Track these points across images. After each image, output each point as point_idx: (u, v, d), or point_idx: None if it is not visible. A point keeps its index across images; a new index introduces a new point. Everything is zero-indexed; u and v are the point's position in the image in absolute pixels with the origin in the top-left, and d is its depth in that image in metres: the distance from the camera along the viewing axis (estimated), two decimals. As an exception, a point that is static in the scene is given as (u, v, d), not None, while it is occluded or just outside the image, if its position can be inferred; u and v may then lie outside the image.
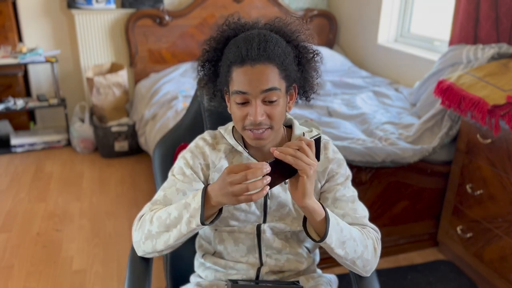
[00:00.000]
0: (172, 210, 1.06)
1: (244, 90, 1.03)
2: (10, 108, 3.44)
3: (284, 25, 1.11)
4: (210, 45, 1.12)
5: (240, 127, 1.09)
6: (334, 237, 1.03)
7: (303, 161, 0.95)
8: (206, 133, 1.23)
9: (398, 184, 2.30)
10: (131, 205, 2.87)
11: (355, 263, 1.10)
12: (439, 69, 2.65)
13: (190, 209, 1.02)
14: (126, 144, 3.50)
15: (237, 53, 1.02)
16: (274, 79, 1.03)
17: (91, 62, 3.68)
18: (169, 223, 1.06)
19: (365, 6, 3.76)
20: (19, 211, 2.79)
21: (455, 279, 2.25)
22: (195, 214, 1.01)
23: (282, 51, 1.04)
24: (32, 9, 3.55)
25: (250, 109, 1.04)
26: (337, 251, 1.05)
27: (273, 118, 1.06)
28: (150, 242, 1.10)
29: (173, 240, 1.06)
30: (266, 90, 1.03)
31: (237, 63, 1.02)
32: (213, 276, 1.23)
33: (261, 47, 1.01)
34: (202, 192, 1.01)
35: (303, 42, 1.11)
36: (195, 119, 1.48)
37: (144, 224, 1.11)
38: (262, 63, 1.01)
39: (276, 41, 1.04)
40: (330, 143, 1.21)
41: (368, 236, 1.12)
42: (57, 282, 2.20)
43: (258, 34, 1.04)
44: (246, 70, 1.02)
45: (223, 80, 1.09)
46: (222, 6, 3.81)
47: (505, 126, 1.94)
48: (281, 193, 1.16)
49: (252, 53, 1.01)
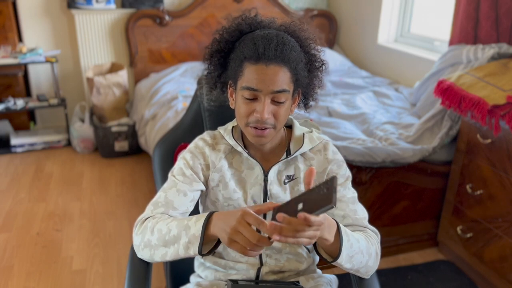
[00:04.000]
0: (173, 226, 1.05)
1: (255, 87, 1.03)
2: (10, 108, 3.44)
3: (299, 30, 1.11)
4: (222, 36, 1.12)
5: (243, 123, 1.09)
6: (344, 254, 1.03)
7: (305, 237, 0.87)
8: (206, 133, 1.23)
9: (398, 184, 2.30)
10: (131, 205, 2.87)
11: (359, 271, 1.11)
12: (439, 69, 2.65)
13: (189, 234, 1.01)
14: (126, 144, 3.50)
15: (254, 50, 1.02)
16: (285, 81, 1.04)
17: (91, 62, 3.68)
18: (167, 240, 1.05)
19: (365, 6, 3.76)
20: (19, 211, 2.79)
21: (455, 279, 2.25)
22: (193, 242, 1.00)
23: (296, 55, 1.05)
24: (32, 9, 3.55)
25: (258, 106, 1.05)
26: (345, 265, 1.06)
27: (278, 118, 1.07)
28: (148, 251, 1.10)
29: (170, 258, 1.07)
30: (277, 91, 1.03)
31: (252, 59, 1.02)
32: (213, 276, 1.23)
33: (278, 48, 1.02)
34: (205, 220, 1.00)
35: (314, 50, 1.13)
36: (195, 119, 1.48)
37: (145, 231, 1.10)
38: (277, 64, 1.02)
39: (292, 45, 1.05)
40: (329, 143, 1.21)
41: (372, 243, 1.12)
42: (57, 282, 2.20)
43: (277, 35, 1.04)
44: (260, 68, 1.02)
45: (232, 74, 1.09)
46: (222, 6, 3.81)
47: (505, 126, 1.94)
48: (280, 193, 1.16)
49: (269, 52, 1.01)
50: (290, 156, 1.16)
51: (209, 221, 1.00)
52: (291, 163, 1.17)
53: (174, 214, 1.13)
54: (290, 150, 1.18)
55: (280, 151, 1.18)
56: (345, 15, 4.07)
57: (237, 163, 1.17)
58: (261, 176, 1.15)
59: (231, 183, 1.16)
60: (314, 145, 1.18)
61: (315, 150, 1.19)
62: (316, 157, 1.18)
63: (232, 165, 1.17)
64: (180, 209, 1.14)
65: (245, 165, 1.17)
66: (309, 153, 1.19)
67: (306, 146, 1.16)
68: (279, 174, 1.16)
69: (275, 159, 1.17)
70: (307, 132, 1.21)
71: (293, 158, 1.17)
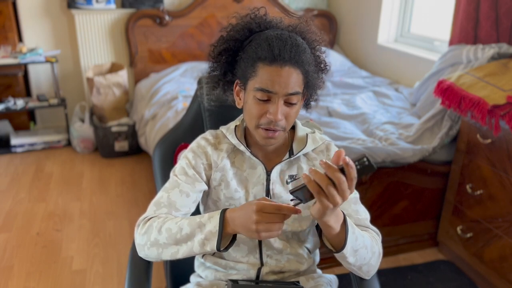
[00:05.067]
0: (184, 225, 1.05)
1: (270, 89, 1.03)
2: (10, 108, 3.44)
3: (307, 32, 1.11)
4: (229, 34, 1.11)
5: (254, 124, 1.09)
6: (349, 247, 1.03)
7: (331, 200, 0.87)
8: (208, 132, 1.22)
9: (398, 184, 2.30)
10: (131, 205, 2.87)
11: (361, 268, 1.11)
12: (439, 69, 2.65)
13: (204, 231, 1.02)
14: (126, 144, 3.50)
15: (269, 50, 1.01)
16: (298, 83, 1.04)
17: (91, 62, 3.68)
18: (179, 238, 1.05)
19: (365, 6, 3.76)
20: (19, 211, 2.79)
21: (455, 279, 2.25)
22: (210, 238, 1.01)
23: (308, 57, 1.05)
24: (32, 9, 3.55)
25: (271, 107, 1.04)
26: (349, 259, 1.06)
27: (288, 119, 1.07)
28: (155, 250, 1.10)
29: (182, 255, 1.07)
30: (291, 93, 1.04)
31: (266, 60, 1.02)
32: (213, 276, 1.23)
33: (293, 50, 1.02)
34: (220, 217, 1.01)
35: (319, 52, 1.13)
36: (195, 119, 1.48)
37: (151, 231, 1.10)
38: (292, 66, 1.02)
39: (304, 47, 1.05)
40: (332, 144, 1.21)
41: (376, 242, 1.12)
42: (57, 282, 2.20)
43: (290, 37, 1.04)
44: (276, 70, 1.02)
45: (242, 73, 1.08)
46: (222, 6, 3.80)
47: (505, 126, 1.94)
48: (282, 193, 1.16)
49: (285, 54, 1.01)
50: (293, 156, 1.16)
51: (224, 219, 1.01)
52: (293, 163, 1.17)
53: (177, 214, 1.13)
54: (293, 150, 1.18)
55: (283, 151, 1.18)
56: (345, 15, 4.07)
57: (239, 162, 1.17)
58: (264, 175, 1.15)
59: (233, 182, 1.16)
60: (317, 146, 1.18)
61: (317, 150, 1.19)
62: (318, 158, 1.18)
63: (234, 164, 1.17)
64: (182, 210, 1.14)
65: (248, 165, 1.17)
66: (312, 153, 1.19)
67: (309, 146, 1.16)
68: (281, 173, 1.17)
69: (277, 159, 1.18)
70: (310, 132, 1.21)
71: (296, 158, 1.17)
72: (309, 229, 1.23)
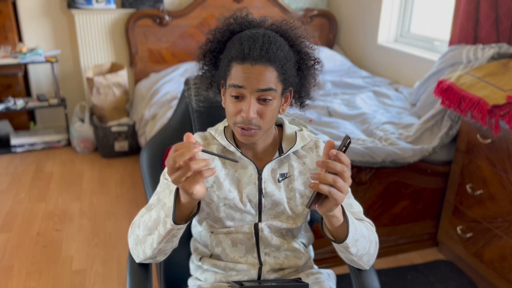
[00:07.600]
0: (153, 211, 1.06)
1: (240, 84, 1.03)
2: (10, 108, 3.44)
3: (290, 29, 1.11)
4: (214, 36, 1.13)
5: (231, 122, 1.09)
6: (350, 236, 1.04)
7: (342, 190, 0.92)
8: (196, 134, 1.22)
9: (398, 184, 2.30)
10: (131, 205, 2.87)
11: (362, 259, 1.12)
12: (439, 69, 2.65)
13: (165, 208, 1.02)
14: (126, 144, 3.50)
15: (240, 50, 1.02)
16: (271, 80, 1.03)
17: (91, 62, 3.68)
18: (150, 225, 1.06)
19: (365, 6, 3.76)
20: (19, 211, 2.79)
21: (455, 279, 2.25)
22: (169, 214, 1.00)
23: (284, 55, 1.04)
24: (32, 9, 3.55)
25: (244, 105, 1.04)
26: (351, 249, 1.06)
27: (264, 118, 1.06)
28: (140, 247, 1.11)
29: (156, 243, 1.05)
30: (262, 89, 1.03)
31: (238, 59, 1.03)
32: (213, 278, 1.22)
33: (263, 48, 1.01)
34: (175, 189, 1.00)
35: (306, 49, 1.12)
36: (183, 121, 1.46)
37: (134, 229, 1.12)
38: (263, 64, 1.02)
39: (279, 44, 1.04)
40: (320, 141, 1.22)
41: (372, 231, 1.14)
42: (57, 282, 2.20)
43: (263, 35, 1.04)
44: (246, 68, 1.02)
45: (222, 73, 1.10)
46: (222, 6, 3.81)
47: (505, 126, 1.94)
48: (275, 191, 1.16)
49: (254, 53, 1.01)
50: (283, 154, 1.16)
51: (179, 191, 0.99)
52: (284, 161, 1.18)
53: None
54: (282, 149, 1.18)
55: (272, 150, 1.19)
56: (345, 15, 4.07)
57: (231, 163, 1.17)
58: (255, 174, 1.16)
59: (226, 183, 1.16)
60: (305, 143, 1.19)
61: (306, 148, 1.20)
62: (308, 155, 1.20)
63: (225, 165, 1.17)
64: None
65: (239, 165, 1.17)
66: (301, 151, 1.20)
67: (298, 144, 1.17)
68: (273, 172, 1.17)
69: (268, 158, 1.18)
70: (298, 130, 1.21)
71: (286, 157, 1.18)
72: (302, 225, 1.25)
